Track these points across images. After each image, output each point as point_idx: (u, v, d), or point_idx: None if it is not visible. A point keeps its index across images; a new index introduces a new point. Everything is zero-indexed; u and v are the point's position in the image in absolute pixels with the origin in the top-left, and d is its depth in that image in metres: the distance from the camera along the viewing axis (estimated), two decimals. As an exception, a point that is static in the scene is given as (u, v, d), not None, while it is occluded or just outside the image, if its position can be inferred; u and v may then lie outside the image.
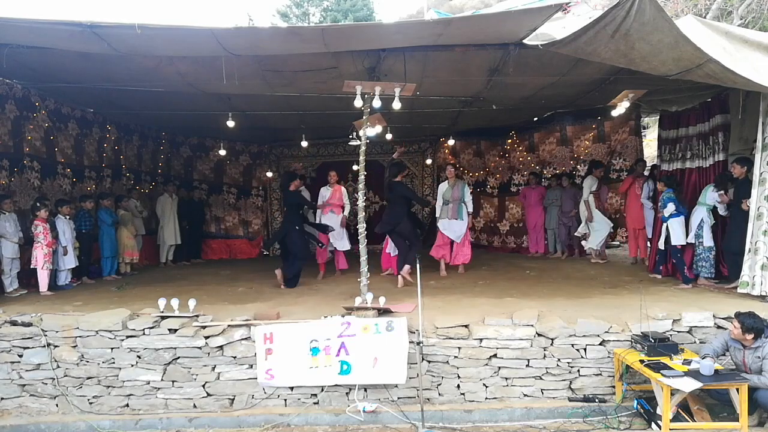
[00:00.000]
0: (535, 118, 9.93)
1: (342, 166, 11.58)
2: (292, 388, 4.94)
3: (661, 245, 6.78)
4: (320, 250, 8.00)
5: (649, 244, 8.02)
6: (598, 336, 4.87)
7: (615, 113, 7.41)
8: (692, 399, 4.36)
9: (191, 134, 11.38)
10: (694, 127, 7.07)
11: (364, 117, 5.74)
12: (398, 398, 4.89)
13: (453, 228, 7.93)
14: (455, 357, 4.90)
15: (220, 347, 4.94)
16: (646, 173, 8.70)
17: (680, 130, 7.35)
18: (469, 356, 4.88)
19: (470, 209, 8.08)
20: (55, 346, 5.00)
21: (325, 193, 8.28)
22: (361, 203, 5.96)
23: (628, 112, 7.58)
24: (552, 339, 4.88)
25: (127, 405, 4.97)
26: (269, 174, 12.00)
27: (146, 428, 4.83)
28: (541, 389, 4.91)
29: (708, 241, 6.43)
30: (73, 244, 7.31)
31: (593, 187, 8.78)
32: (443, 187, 8.20)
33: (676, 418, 4.19)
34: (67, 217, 7.28)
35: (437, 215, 8.19)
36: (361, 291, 5.58)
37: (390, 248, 7.93)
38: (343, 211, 8.15)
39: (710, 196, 6.45)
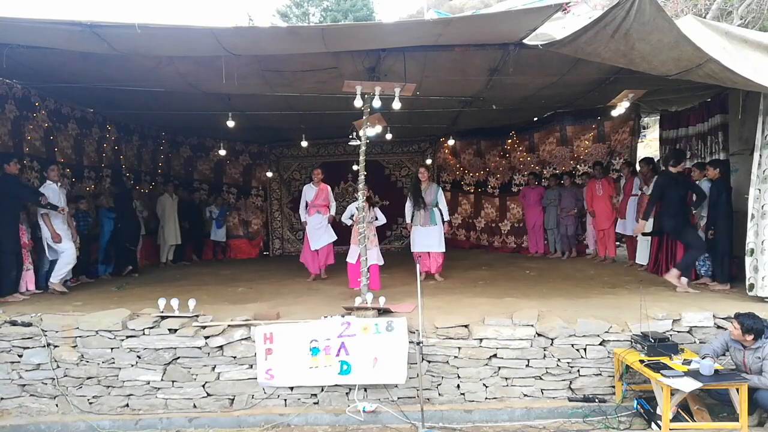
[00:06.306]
0: (535, 118, 9.94)
1: (342, 166, 11.62)
2: (292, 388, 4.93)
3: None
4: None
5: (648, 243, 8.00)
6: (598, 336, 4.87)
7: (615, 113, 7.43)
8: (692, 399, 4.36)
9: (191, 134, 11.38)
10: (694, 127, 7.08)
11: (364, 117, 5.73)
12: (398, 398, 4.89)
13: (428, 238, 7.30)
14: (455, 357, 4.90)
15: (220, 347, 4.94)
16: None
17: (680, 130, 7.37)
18: (469, 356, 4.88)
19: (446, 216, 7.43)
20: (55, 346, 5.00)
21: (309, 192, 7.76)
22: (361, 203, 5.97)
23: (627, 112, 7.57)
24: (552, 339, 4.88)
25: (127, 405, 4.97)
26: (269, 174, 12.02)
27: (146, 428, 4.83)
28: (541, 389, 4.90)
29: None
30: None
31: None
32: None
33: (676, 418, 4.19)
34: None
35: (407, 219, 7.56)
36: (361, 291, 5.58)
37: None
38: (329, 211, 7.73)
39: None
